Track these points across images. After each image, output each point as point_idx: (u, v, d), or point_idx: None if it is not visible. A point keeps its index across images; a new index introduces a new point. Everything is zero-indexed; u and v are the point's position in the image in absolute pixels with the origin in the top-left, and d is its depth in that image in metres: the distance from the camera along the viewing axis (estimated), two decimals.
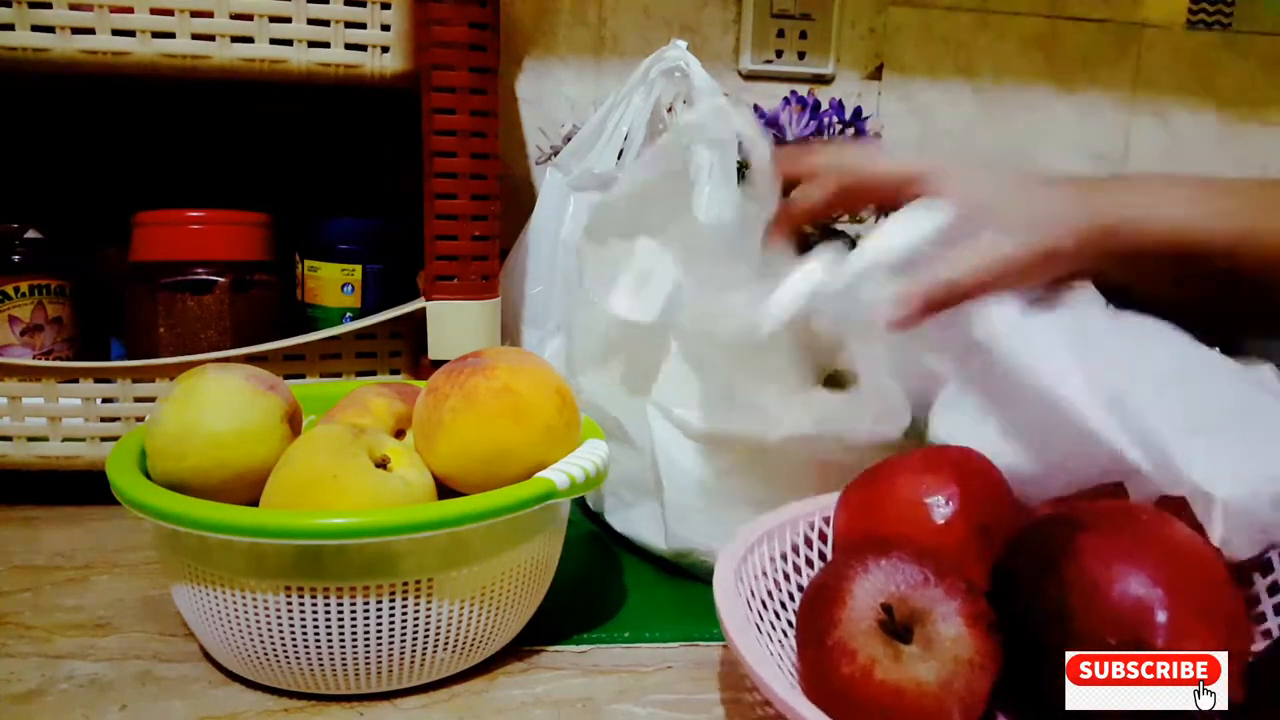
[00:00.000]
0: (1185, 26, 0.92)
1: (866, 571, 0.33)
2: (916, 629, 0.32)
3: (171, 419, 0.38)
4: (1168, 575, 0.31)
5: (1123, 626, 0.30)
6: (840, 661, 0.32)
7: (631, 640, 0.42)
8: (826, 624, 0.33)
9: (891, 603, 0.32)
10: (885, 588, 0.33)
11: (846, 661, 0.32)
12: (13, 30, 0.50)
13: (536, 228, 0.67)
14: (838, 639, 0.32)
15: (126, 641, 0.41)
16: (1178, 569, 0.31)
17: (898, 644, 0.32)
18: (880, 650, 0.32)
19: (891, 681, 0.31)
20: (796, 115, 0.73)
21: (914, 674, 0.31)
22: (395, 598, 0.35)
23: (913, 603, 0.33)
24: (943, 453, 0.41)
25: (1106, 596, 0.31)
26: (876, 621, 0.32)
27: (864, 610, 0.33)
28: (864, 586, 0.33)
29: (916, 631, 0.32)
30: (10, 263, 0.60)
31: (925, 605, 0.32)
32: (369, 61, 0.54)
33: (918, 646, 0.32)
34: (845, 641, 0.32)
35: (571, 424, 0.41)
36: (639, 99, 0.67)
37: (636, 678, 0.39)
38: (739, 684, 0.39)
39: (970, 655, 0.32)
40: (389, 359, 0.60)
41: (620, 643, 0.42)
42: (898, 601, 0.33)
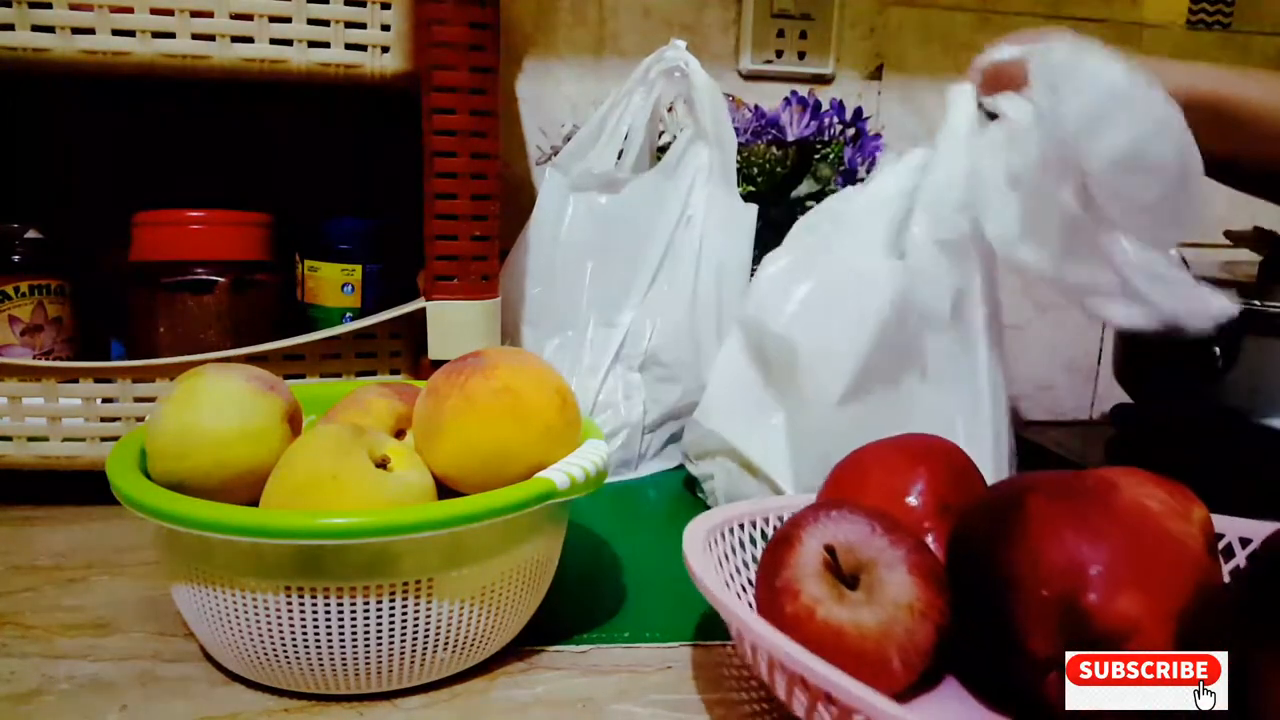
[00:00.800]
0: (1185, 26, 0.92)
1: (818, 521, 0.35)
2: (862, 576, 0.34)
3: (172, 419, 0.38)
4: (1105, 536, 0.32)
5: (1059, 582, 0.31)
6: (785, 601, 0.34)
7: (631, 640, 0.42)
8: (778, 566, 0.35)
9: (836, 548, 0.34)
10: (834, 535, 0.35)
11: (790, 600, 0.34)
12: (13, 30, 0.50)
13: (536, 228, 0.67)
14: (785, 580, 0.34)
15: (126, 641, 0.41)
16: (1116, 531, 0.32)
17: (843, 588, 0.34)
18: (824, 592, 0.34)
19: (833, 622, 0.33)
20: (797, 115, 0.73)
21: (855, 617, 0.33)
22: (395, 598, 0.35)
23: (859, 552, 0.34)
24: (913, 439, 0.43)
25: (1046, 555, 0.32)
26: (823, 565, 0.34)
27: (812, 555, 0.34)
28: (814, 533, 0.35)
29: (862, 579, 0.34)
30: (10, 263, 0.60)
31: (871, 555, 0.34)
32: (369, 61, 0.54)
33: (862, 592, 0.34)
34: (791, 583, 0.34)
35: (572, 424, 0.41)
36: (639, 99, 0.67)
37: (636, 678, 0.39)
38: (739, 684, 0.39)
39: (912, 602, 0.33)
40: (389, 359, 0.60)
41: (620, 643, 0.42)
42: (844, 549, 0.34)
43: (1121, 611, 0.30)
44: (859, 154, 0.75)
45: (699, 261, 0.66)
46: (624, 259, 0.67)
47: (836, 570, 0.34)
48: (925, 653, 0.33)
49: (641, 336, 0.66)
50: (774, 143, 0.73)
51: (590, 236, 0.67)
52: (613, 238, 0.67)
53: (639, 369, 0.66)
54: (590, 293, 0.67)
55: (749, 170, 0.71)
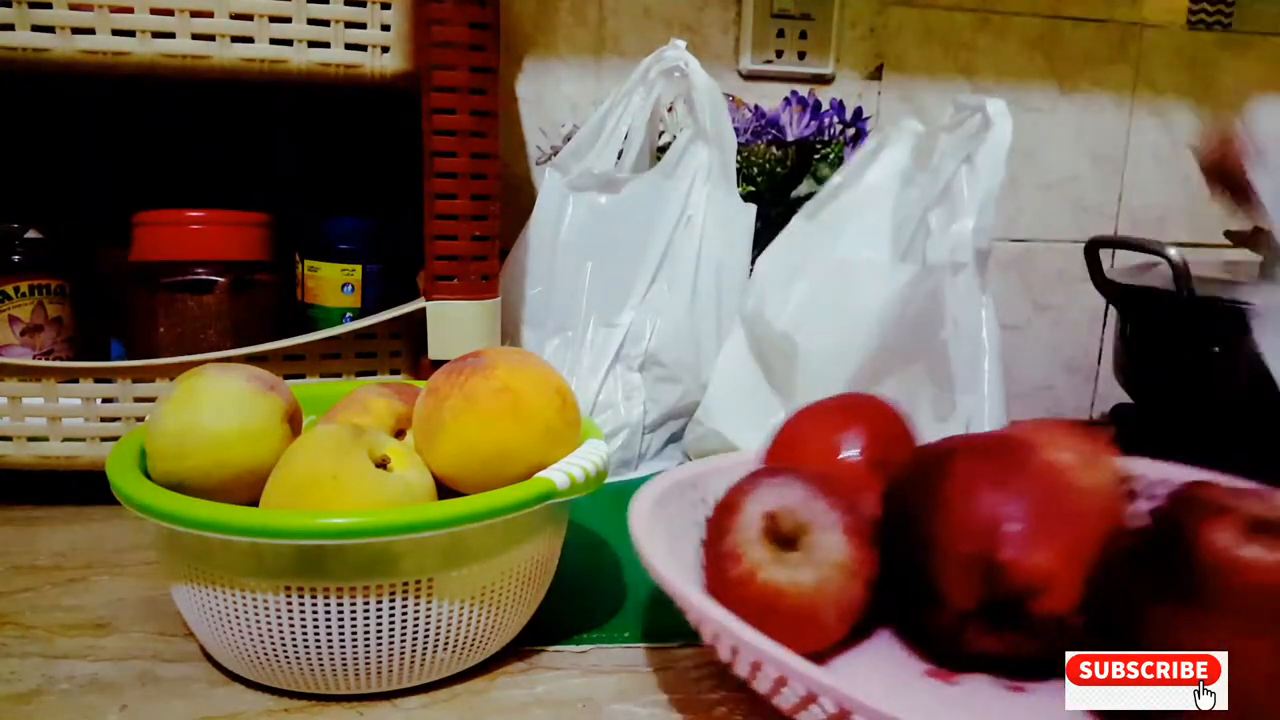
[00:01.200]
0: (1185, 26, 0.92)
1: (759, 488, 0.37)
2: (800, 539, 0.36)
3: (172, 419, 0.38)
4: (1020, 495, 0.34)
5: (976, 538, 0.33)
6: (729, 565, 0.36)
7: (631, 640, 0.42)
8: (721, 532, 0.37)
9: (776, 513, 0.36)
10: (773, 501, 0.37)
11: (734, 565, 0.36)
12: (13, 30, 0.50)
13: (536, 228, 0.67)
14: (729, 545, 0.36)
15: (126, 641, 0.41)
16: (1030, 490, 0.34)
17: (781, 551, 0.36)
18: (764, 555, 0.36)
19: (772, 583, 0.35)
20: (797, 115, 0.73)
21: (792, 576, 0.35)
22: (395, 598, 0.35)
23: (798, 516, 0.36)
24: (851, 398, 0.46)
25: (966, 514, 0.34)
26: (763, 530, 0.36)
27: (752, 520, 0.36)
28: (755, 500, 0.37)
29: (800, 541, 0.36)
30: (10, 263, 0.60)
31: (809, 518, 0.36)
32: (369, 61, 0.54)
33: (800, 554, 0.36)
34: (734, 548, 0.36)
35: (572, 424, 0.41)
36: (638, 99, 0.67)
37: (636, 678, 0.39)
38: (740, 684, 0.39)
39: (845, 561, 0.35)
40: (389, 359, 0.60)
41: (620, 643, 0.42)
42: (784, 513, 0.36)
43: (1035, 565, 0.33)
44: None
45: (699, 261, 0.66)
46: (624, 259, 0.67)
47: (776, 534, 0.36)
48: (858, 608, 0.36)
49: (641, 337, 0.66)
50: (774, 143, 0.73)
51: (590, 236, 0.67)
52: (612, 238, 0.67)
53: (639, 369, 0.66)
54: (590, 293, 0.67)
55: (749, 170, 0.71)
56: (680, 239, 0.67)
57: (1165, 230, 0.95)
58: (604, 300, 0.67)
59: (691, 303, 0.66)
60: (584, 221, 0.67)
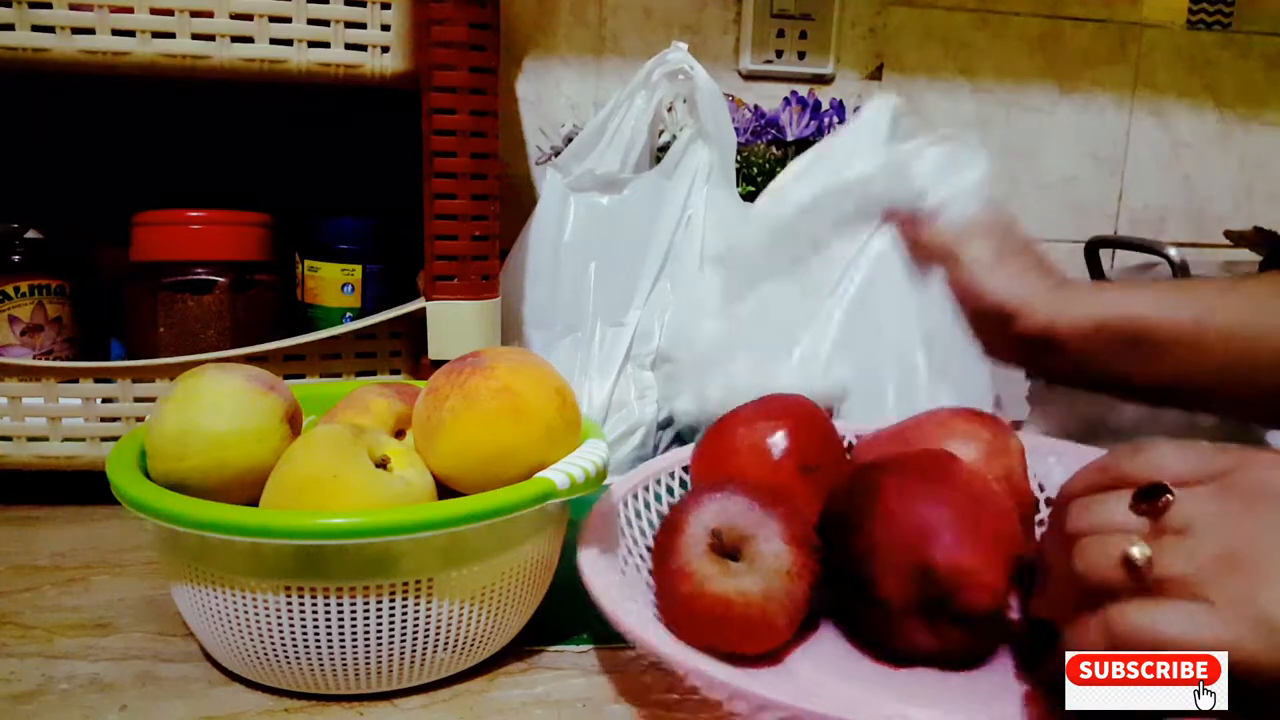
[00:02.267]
0: (1185, 26, 0.92)
1: (701, 505, 0.39)
2: (744, 549, 0.38)
3: (171, 419, 0.38)
4: (950, 505, 0.38)
5: (909, 544, 0.37)
6: (680, 582, 0.38)
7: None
8: (669, 551, 0.39)
9: (720, 528, 0.38)
10: (716, 516, 0.39)
11: (684, 581, 0.38)
12: (13, 30, 0.50)
13: (537, 228, 0.68)
14: (678, 564, 0.38)
15: (126, 641, 0.41)
16: (954, 499, 0.38)
17: (727, 562, 0.38)
18: (711, 569, 0.38)
19: (721, 593, 0.37)
20: (797, 115, 0.73)
21: (739, 586, 0.37)
22: (396, 598, 0.35)
23: (740, 529, 0.38)
24: (776, 400, 0.48)
25: (900, 525, 0.38)
26: (709, 545, 0.38)
27: (699, 536, 0.38)
28: (699, 517, 0.39)
29: (744, 551, 0.38)
30: (10, 263, 0.60)
31: (751, 530, 0.38)
32: (369, 61, 0.54)
33: (744, 564, 0.38)
34: (683, 566, 0.38)
35: (572, 424, 0.41)
36: (640, 101, 0.67)
37: (636, 678, 0.39)
38: None
39: (788, 567, 0.37)
40: (389, 359, 0.60)
41: (621, 643, 0.42)
42: (726, 527, 0.38)
43: (959, 563, 0.36)
44: None
45: (701, 261, 0.66)
46: (626, 259, 0.67)
47: (721, 548, 0.38)
48: (802, 608, 0.38)
49: (650, 335, 0.66)
50: (774, 143, 0.73)
51: (592, 237, 0.67)
52: (614, 238, 0.67)
53: (650, 367, 0.67)
54: (595, 293, 0.67)
55: (749, 170, 0.71)
56: (681, 239, 0.67)
57: (1165, 230, 0.96)
58: (609, 300, 0.67)
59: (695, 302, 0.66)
60: (586, 222, 0.67)
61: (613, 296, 0.67)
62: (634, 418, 0.65)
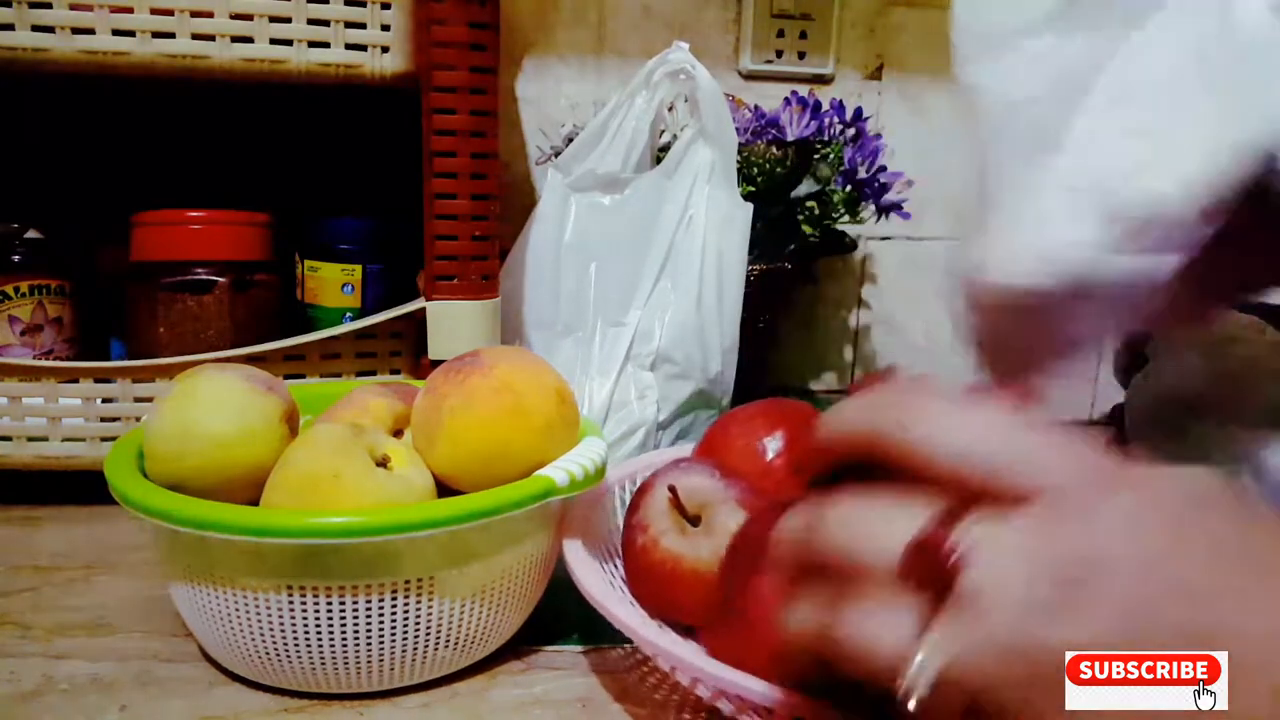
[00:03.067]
0: None
1: (669, 472, 0.41)
2: (704, 516, 0.40)
3: (170, 419, 0.38)
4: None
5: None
6: (638, 534, 0.40)
7: (631, 640, 0.42)
8: (635, 507, 0.41)
9: (679, 488, 0.40)
10: (680, 479, 0.40)
11: (641, 533, 0.40)
12: (13, 30, 0.50)
13: (538, 228, 0.67)
14: (639, 518, 0.41)
15: (126, 641, 0.41)
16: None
17: (686, 525, 0.40)
18: (668, 525, 0.40)
19: (673, 550, 0.39)
20: (797, 115, 0.73)
21: (693, 547, 0.39)
22: (397, 596, 0.35)
23: (702, 496, 0.40)
24: (777, 404, 0.48)
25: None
26: (669, 505, 0.40)
27: (660, 496, 0.40)
28: (663, 480, 0.41)
29: (703, 517, 0.40)
30: (10, 263, 0.60)
31: (711, 498, 0.40)
32: (369, 61, 0.54)
33: (701, 529, 0.40)
34: (643, 520, 0.40)
35: (570, 422, 0.41)
36: (641, 101, 0.67)
37: (636, 678, 0.39)
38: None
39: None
40: (389, 359, 0.60)
41: (620, 643, 0.42)
42: (687, 494, 0.40)
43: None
44: (859, 154, 0.75)
45: (702, 261, 0.66)
46: (627, 259, 0.67)
47: (682, 511, 0.40)
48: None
49: (651, 335, 0.66)
50: (774, 143, 0.73)
51: (593, 237, 0.67)
52: (615, 238, 0.67)
53: (650, 368, 0.67)
54: (596, 293, 0.67)
55: (749, 170, 0.71)
56: (682, 238, 0.67)
57: None
58: (610, 300, 0.67)
59: (698, 301, 0.66)
60: (586, 222, 0.67)
61: (613, 296, 0.67)
62: (634, 418, 0.65)
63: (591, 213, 0.67)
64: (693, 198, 0.67)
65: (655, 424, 0.66)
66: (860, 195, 0.76)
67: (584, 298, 0.67)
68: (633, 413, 0.66)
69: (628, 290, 0.67)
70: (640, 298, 0.67)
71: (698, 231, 0.67)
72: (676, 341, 0.66)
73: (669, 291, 0.67)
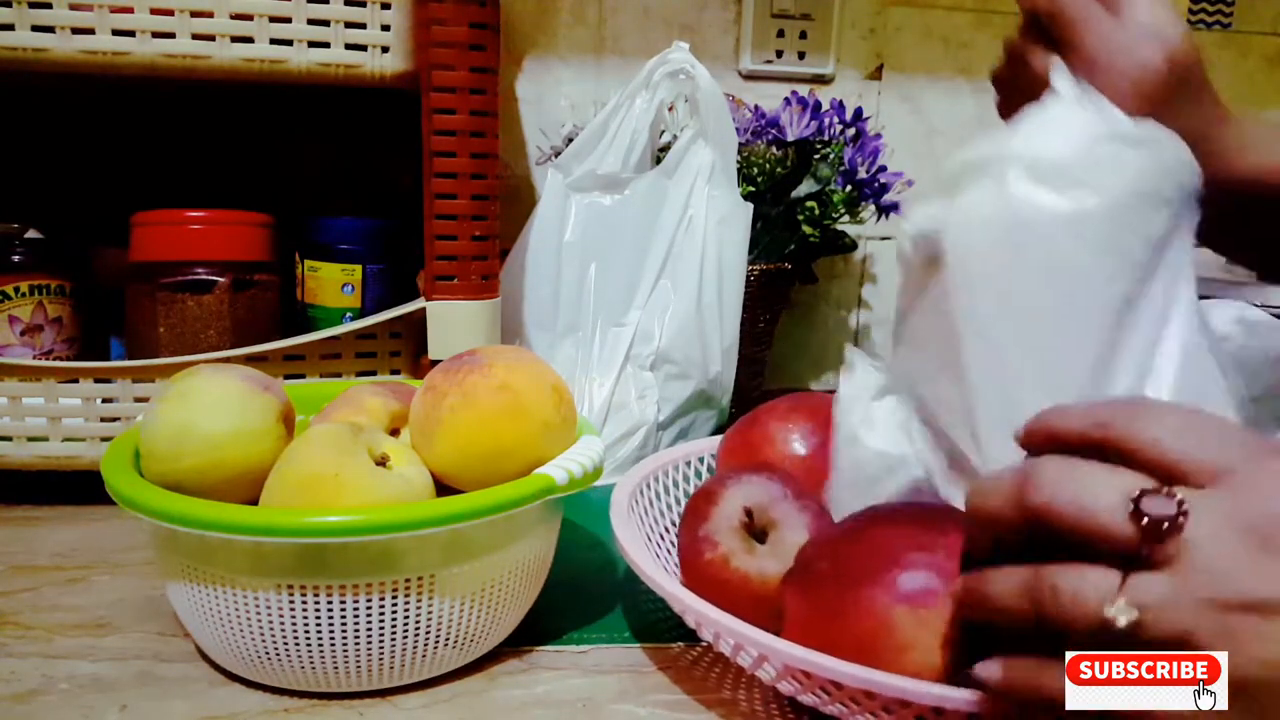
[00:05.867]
0: None
1: (739, 482, 0.41)
2: (770, 533, 0.40)
3: (167, 420, 0.38)
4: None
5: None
6: (705, 549, 0.40)
7: (631, 640, 0.42)
8: (700, 519, 0.40)
9: (753, 508, 0.40)
10: (750, 496, 0.40)
11: (710, 549, 0.39)
12: (13, 30, 0.50)
13: (538, 229, 0.67)
14: (706, 532, 0.40)
15: (126, 641, 0.41)
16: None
17: (754, 542, 0.40)
18: (738, 544, 0.39)
19: (742, 570, 0.39)
20: (797, 115, 0.73)
21: (760, 566, 0.39)
22: (397, 595, 0.35)
23: (770, 513, 0.40)
24: (808, 398, 0.49)
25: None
26: (740, 522, 0.40)
27: (731, 511, 0.40)
28: (734, 493, 0.40)
29: (770, 535, 0.40)
30: (10, 263, 0.60)
31: (780, 516, 0.40)
32: (369, 61, 0.54)
33: (769, 547, 0.39)
34: (711, 535, 0.40)
35: (568, 420, 0.41)
36: (641, 101, 0.67)
37: (636, 678, 0.39)
38: (739, 684, 0.39)
39: None
40: (389, 359, 0.60)
41: (620, 643, 0.42)
42: (758, 509, 0.40)
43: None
44: (859, 154, 0.75)
45: (702, 261, 0.66)
46: (627, 259, 0.67)
47: (750, 527, 0.40)
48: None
49: (651, 336, 0.66)
50: (774, 143, 0.73)
51: (593, 237, 0.67)
52: (615, 238, 0.67)
53: (650, 368, 0.67)
54: (596, 293, 0.67)
55: (749, 170, 0.71)
56: (682, 238, 0.67)
57: None
58: (610, 300, 0.67)
59: (698, 302, 0.66)
60: (587, 222, 0.67)
61: (613, 297, 0.67)
62: (634, 418, 0.65)
63: (591, 213, 0.67)
64: (693, 198, 0.67)
65: (655, 424, 0.66)
66: (860, 195, 0.76)
67: (584, 298, 0.67)
68: (633, 413, 0.66)
69: (628, 290, 0.67)
70: (640, 298, 0.67)
71: (698, 232, 0.67)
72: (676, 342, 0.66)
73: (669, 292, 0.67)
